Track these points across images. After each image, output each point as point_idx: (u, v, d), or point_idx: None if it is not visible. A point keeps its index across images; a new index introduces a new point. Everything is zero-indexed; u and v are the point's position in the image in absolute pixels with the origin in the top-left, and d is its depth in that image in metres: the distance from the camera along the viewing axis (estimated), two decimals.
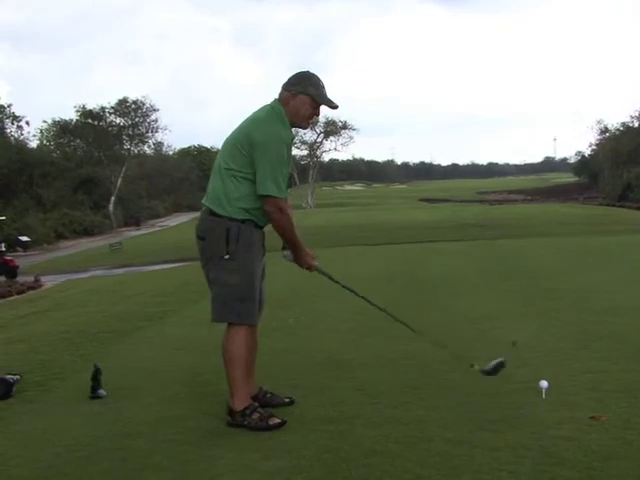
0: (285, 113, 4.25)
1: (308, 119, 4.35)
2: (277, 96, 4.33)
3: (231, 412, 4.25)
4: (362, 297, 4.85)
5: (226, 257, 4.16)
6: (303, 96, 4.25)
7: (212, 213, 4.23)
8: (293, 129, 4.39)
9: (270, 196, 4.12)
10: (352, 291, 4.75)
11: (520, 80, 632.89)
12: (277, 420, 4.17)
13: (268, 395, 4.62)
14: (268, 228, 4.34)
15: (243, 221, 4.18)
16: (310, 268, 4.47)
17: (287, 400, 4.61)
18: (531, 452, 3.56)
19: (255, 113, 4.32)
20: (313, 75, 4.34)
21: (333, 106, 4.39)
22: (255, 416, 4.18)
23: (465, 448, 3.67)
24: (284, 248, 4.45)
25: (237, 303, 4.21)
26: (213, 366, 5.70)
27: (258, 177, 4.11)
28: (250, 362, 4.39)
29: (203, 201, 4.33)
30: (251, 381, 4.49)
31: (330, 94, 4.38)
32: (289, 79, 4.33)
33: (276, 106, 4.28)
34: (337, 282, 4.65)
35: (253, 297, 4.27)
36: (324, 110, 4.44)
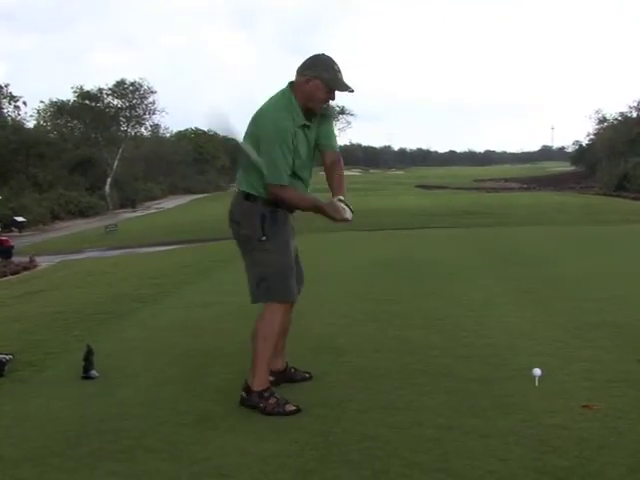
0: (295, 98, 4.17)
1: (321, 103, 4.24)
2: (293, 79, 4.25)
3: (248, 390, 4.24)
4: None
5: (263, 239, 4.19)
6: (317, 81, 4.13)
7: (247, 197, 4.26)
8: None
9: (269, 184, 4.12)
10: None
11: (519, 68, 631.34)
12: (292, 407, 4.16)
13: (293, 370, 4.72)
14: None
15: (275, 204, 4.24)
16: (345, 221, 4.16)
17: (307, 375, 4.74)
18: (522, 440, 3.57)
19: (264, 104, 4.25)
20: (327, 58, 4.20)
21: (349, 90, 4.25)
22: (272, 401, 4.17)
23: (456, 434, 3.68)
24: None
25: (277, 283, 4.23)
26: (207, 348, 5.72)
27: (265, 162, 4.10)
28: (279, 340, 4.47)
29: (236, 186, 4.38)
30: (282, 357, 4.65)
31: (346, 77, 4.24)
32: (303, 63, 4.21)
33: (286, 92, 4.21)
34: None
35: (292, 275, 4.31)
36: None
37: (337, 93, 4.25)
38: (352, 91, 4.26)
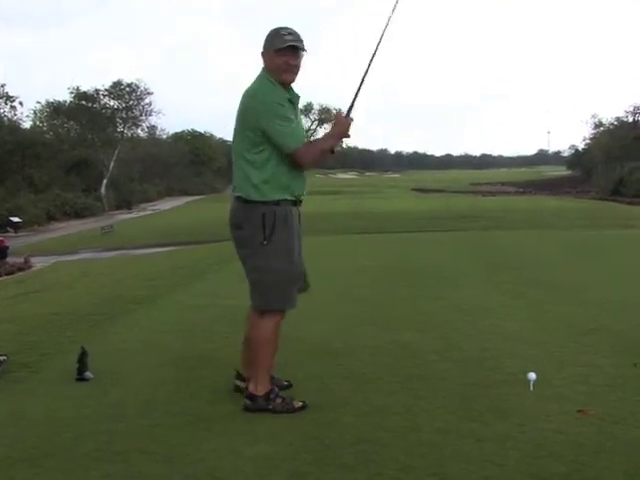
0: (271, 77, 4.19)
1: (284, 70, 4.19)
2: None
3: (252, 397, 4.21)
4: None
5: (264, 242, 4.11)
6: (268, 52, 4.19)
7: (246, 201, 4.18)
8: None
9: (293, 151, 4.09)
10: None
11: (515, 72, 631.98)
12: (300, 403, 4.20)
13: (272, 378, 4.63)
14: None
15: (277, 202, 4.13)
16: (349, 126, 4.33)
17: (286, 383, 4.62)
18: (518, 444, 3.56)
19: (247, 89, 4.26)
20: (273, 29, 4.24)
21: (289, 44, 4.15)
22: (278, 400, 4.19)
23: (453, 438, 3.66)
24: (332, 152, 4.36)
25: (279, 289, 4.17)
26: (201, 351, 5.71)
27: (276, 143, 4.09)
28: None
29: (232, 191, 4.30)
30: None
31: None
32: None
33: (262, 74, 4.24)
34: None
35: (295, 281, 4.26)
36: (318, 97, 4.40)
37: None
38: (295, 47, 4.18)
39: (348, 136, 4.34)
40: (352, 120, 4.34)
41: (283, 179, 4.14)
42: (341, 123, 4.33)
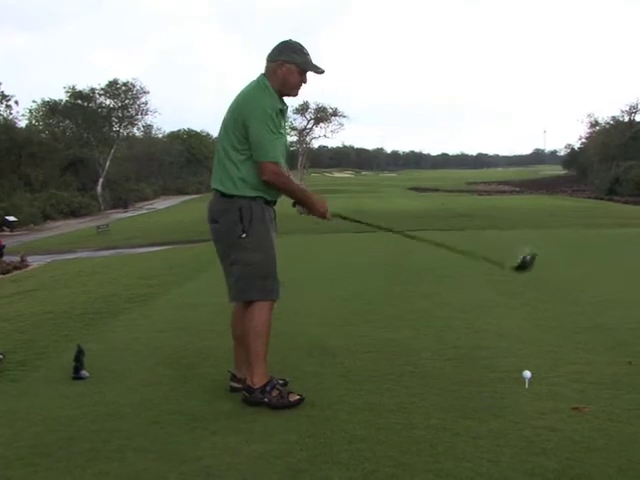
0: (270, 84, 4.25)
1: (296, 87, 4.35)
2: (263, 71, 4.34)
3: (249, 389, 4.26)
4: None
5: (243, 236, 4.19)
6: (289, 65, 4.25)
7: (223, 195, 4.26)
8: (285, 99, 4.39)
9: (263, 162, 4.14)
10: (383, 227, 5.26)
11: (511, 71, 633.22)
12: (296, 396, 4.24)
13: None
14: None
15: (254, 198, 4.21)
16: (324, 217, 4.46)
17: (281, 382, 4.58)
18: (513, 441, 3.57)
19: (242, 90, 4.33)
20: (296, 43, 4.33)
21: (319, 71, 4.37)
22: (275, 393, 4.23)
23: (447, 436, 3.68)
24: (295, 204, 4.44)
25: (260, 280, 4.25)
26: (196, 349, 5.72)
27: (252, 147, 4.15)
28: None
29: (212, 185, 4.37)
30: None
31: (315, 60, 4.36)
32: (273, 50, 4.32)
33: (261, 80, 4.29)
34: (360, 222, 4.87)
35: (274, 273, 4.31)
36: (315, 97, 4.44)
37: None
38: (322, 72, 4.38)
39: (315, 212, 4.42)
40: (329, 219, 4.52)
41: (257, 180, 4.20)
42: (323, 206, 4.42)
